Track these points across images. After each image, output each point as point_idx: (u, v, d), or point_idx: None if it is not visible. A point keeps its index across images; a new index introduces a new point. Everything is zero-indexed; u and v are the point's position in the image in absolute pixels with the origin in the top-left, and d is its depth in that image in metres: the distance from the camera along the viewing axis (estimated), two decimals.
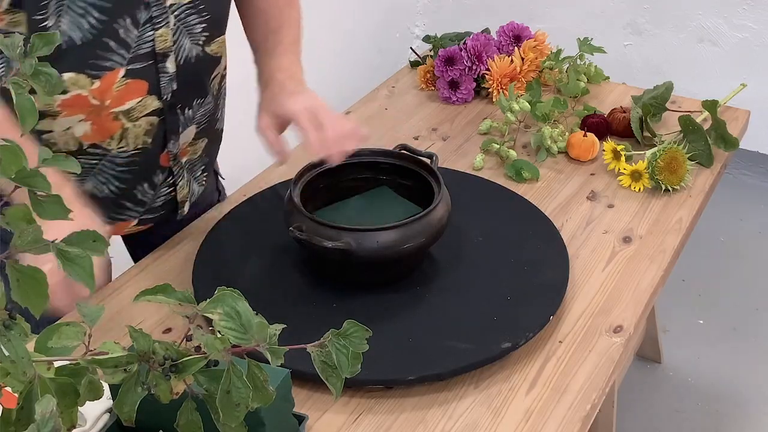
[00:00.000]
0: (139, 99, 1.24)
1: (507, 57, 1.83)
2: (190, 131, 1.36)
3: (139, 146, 1.29)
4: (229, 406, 0.72)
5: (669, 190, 1.54)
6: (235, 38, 1.41)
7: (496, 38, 1.91)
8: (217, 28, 1.32)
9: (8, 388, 0.66)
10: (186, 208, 1.43)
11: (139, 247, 1.53)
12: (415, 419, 1.10)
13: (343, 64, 3.05)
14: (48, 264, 0.72)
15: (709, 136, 1.63)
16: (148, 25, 1.20)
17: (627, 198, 1.54)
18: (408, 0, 3.43)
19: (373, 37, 3.25)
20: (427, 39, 1.99)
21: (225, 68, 1.41)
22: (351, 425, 1.09)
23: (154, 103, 1.26)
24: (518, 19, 1.99)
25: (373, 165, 1.40)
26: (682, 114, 1.66)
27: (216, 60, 1.35)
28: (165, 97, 1.27)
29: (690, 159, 1.57)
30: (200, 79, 1.34)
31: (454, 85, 1.85)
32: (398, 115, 1.83)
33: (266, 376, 0.76)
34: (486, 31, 1.98)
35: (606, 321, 1.25)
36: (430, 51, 1.97)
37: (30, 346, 0.67)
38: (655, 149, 1.56)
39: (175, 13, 1.23)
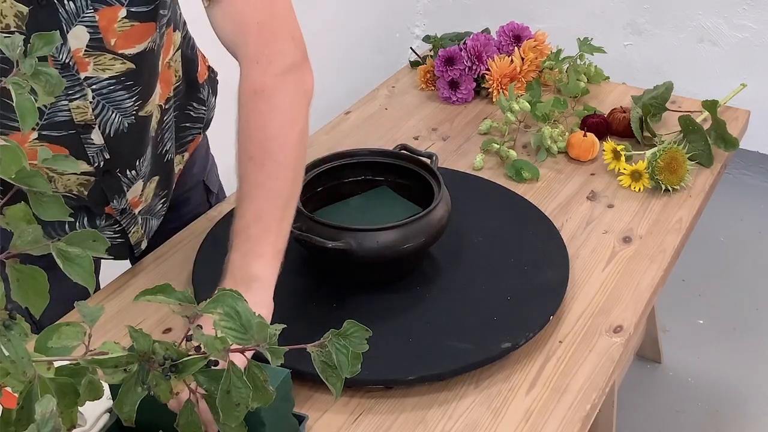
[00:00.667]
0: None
1: (507, 57, 1.83)
2: (138, 186, 1.29)
3: (73, 192, 1.23)
4: (229, 406, 0.72)
5: (669, 190, 1.54)
6: None
7: (496, 38, 1.91)
8: (148, 92, 1.20)
9: (8, 388, 0.66)
10: (144, 245, 1.37)
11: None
12: (415, 419, 1.10)
13: (343, 64, 3.05)
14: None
15: (709, 136, 1.63)
16: (60, 94, 1.08)
17: (627, 198, 1.54)
18: (408, 0, 3.44)
19: (373, 37, 3.25)
20: (427, 39, 1.99)
21: (163, 107, 1.29)
22: (351, 425, 1.09)
23: (82, 166, 1.19)
24: (518, 19, 1.99)
25: (373, 165, 1.40)
26: (682, 114, 1.66)
27: (149, 118, 1.24)
28: (97, 164, 1.20)
29: (690, 159, 1.57)
30: (138, 142, 1.24)
31: (454, 85, 1.85)
32: (398, 115, 1.83)
33: (266, 376, 0.76)
34: (486, 31, 1.98)
35: (606, 321, 1.25)
36: (430, 51, 1.97)
37: (30, 346, 0.67)
38: (655, 149, 1.56)
39: (93, 86, 1.13)
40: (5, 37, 0.70)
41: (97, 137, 1.17)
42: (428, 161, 1.38)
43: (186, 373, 0.72)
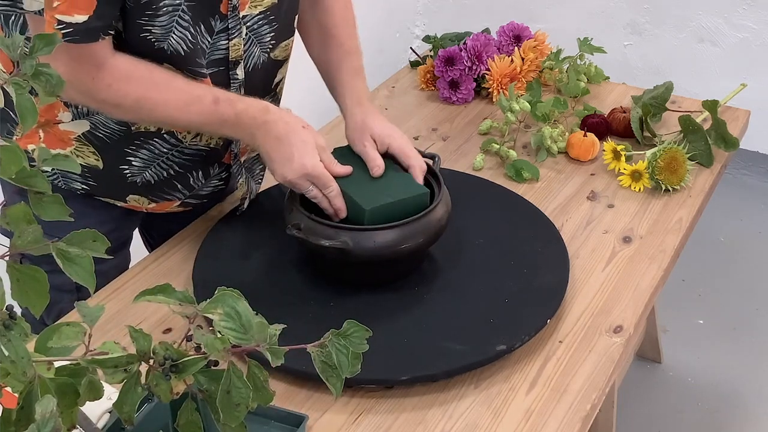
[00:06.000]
0: None
1: (507, 57, 1.83)
2: None
3: (211, 144, 1.35)
4: (229, 406, 0.72)
5: (669, 190, 1.54)
6: None
7: (496, 38, 1.91)
8: (283, 34, 1.34)
9: (8, 388, 0.66)
10: (246, 204, 1.43)
11: (154, 231, 1.57)
12: (415, 419, 1.10)
13: None
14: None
15: (709, 136, 1.63)
16: (222, 34, 1.24)
17: (627, 198, 1.54)
18: (408, 0, 3.43)
19: (373, 37, 3.25)
20: (427, 39, 1.99)
21: (287, 71, 1.43)
22: (351, 425, 1.09)
23: None
24: (518, 19, 1.99)
25: None
26: (682, 114, 1.66)
27: (279, 63, 1.38)
28: None
29: (690, 159, 1.57)
30: (264, 82, 1.37)
31: (454, 85, 1.85)
32: (398, 115, 1.83)
33: (266, 376, 0.76)
34: (486, 31, 1.98)
35: (606, 321, 1.25)
36: (430, 51, 1.97)
37: (30, 346, 0.67)
38: (655, 149, 1.56)
39: (248, 23, 1.26)
40: (5, 37, 0.70)
41: (241, 72, 1.29)
42: (431, 162, 1.37)
43: (186, 373, 0.72)
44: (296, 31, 1.41)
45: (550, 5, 3.22)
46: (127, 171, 1.32)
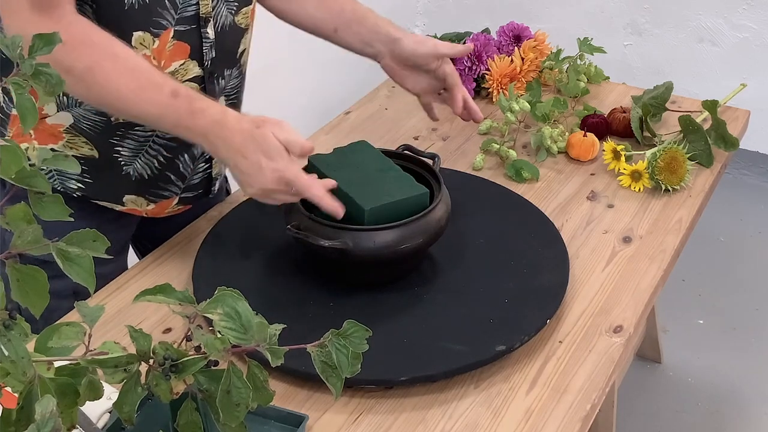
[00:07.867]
0: (182, 62, 1.27)
1: (507, 57, 1.83)
2: (221, 102, 1.37)
3: None
4: (229, 406, 0.72)
5: (669, 190, 1.54)
6: None
7: (496, 38, 1.91)
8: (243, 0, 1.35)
9: (8, 388, 0.66)
10: (216, 187, 1.45)
11: (146, 239, 1.55)
12: (415, 419, 1.10)
13: (343, 64, 3.04)
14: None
15: (709, 136, 1.63)
16: None
17: (627, 198, 1.54)
18: (408, 0, 3.43)
19: None
20: None
21: (249, 43, 1.42)
22: (351, 425, 1.09)
23: (194, 69, 1.29)
24: (518, 19, 1.99)
25: None
26: (682, 114, 1.66)
27: (242, 31, 1.36)
28: (206, 63, 1.30)
29: (690, 159, 1.57)
30: (231, 49, 1.36)
31: None
32: (398, 115, 1.83)
33: (266, 376, 0.76)
34: (486, 31, 1.97)
35: (606, 321, 1.25)
36: None
37: (30, 346, 0.67)
38: (655, 149, 1.56)
39: None
40: (5, 36, 0.70)
41: (211, 31, 1.29)
42: (431, 162, 1.37)
43: (186, 373, 0.72)
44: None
45: (550, 5, 3.22)
46: (121, 160, 1.32)
